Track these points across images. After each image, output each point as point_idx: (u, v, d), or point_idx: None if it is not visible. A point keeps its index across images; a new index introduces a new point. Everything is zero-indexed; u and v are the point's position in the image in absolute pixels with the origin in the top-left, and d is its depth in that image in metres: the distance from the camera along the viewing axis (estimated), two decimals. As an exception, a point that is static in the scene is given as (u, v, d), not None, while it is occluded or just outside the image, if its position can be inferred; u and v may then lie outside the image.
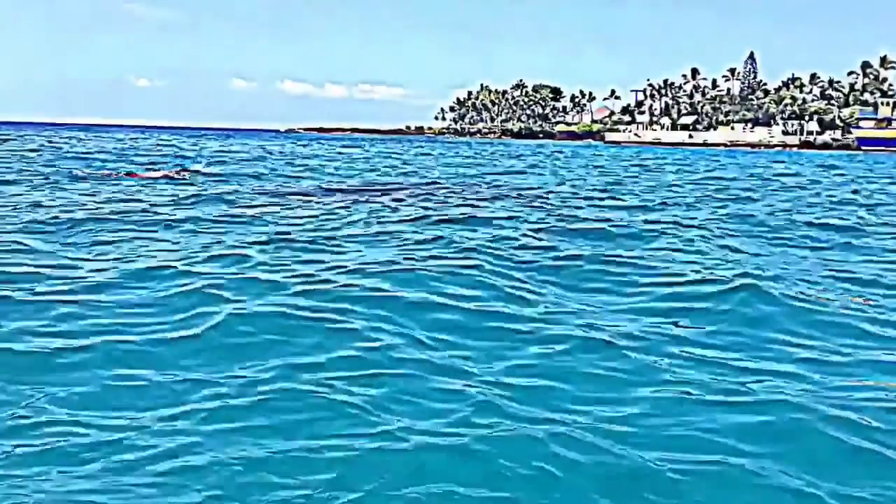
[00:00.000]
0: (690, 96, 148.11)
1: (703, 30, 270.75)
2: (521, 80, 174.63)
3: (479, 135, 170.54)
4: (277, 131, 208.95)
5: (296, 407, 4.48)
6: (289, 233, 11.38)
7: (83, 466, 3.72)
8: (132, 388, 4.80)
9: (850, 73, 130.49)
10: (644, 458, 3.91)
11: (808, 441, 4.21)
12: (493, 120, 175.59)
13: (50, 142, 51.47)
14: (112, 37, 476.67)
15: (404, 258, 9.19)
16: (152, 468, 3.70)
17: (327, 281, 7.65)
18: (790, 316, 6.88)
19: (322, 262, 8.88)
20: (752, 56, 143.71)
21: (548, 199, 18.80)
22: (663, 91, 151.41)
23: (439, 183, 23.72)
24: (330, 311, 6.45)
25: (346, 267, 8.50)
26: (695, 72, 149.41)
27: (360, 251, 9.85)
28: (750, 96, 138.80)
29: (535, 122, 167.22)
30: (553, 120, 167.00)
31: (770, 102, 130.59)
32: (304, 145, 69.93)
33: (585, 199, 19.15)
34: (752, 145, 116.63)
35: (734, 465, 3.88)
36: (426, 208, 15.45)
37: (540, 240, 11.30)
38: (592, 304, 7.32)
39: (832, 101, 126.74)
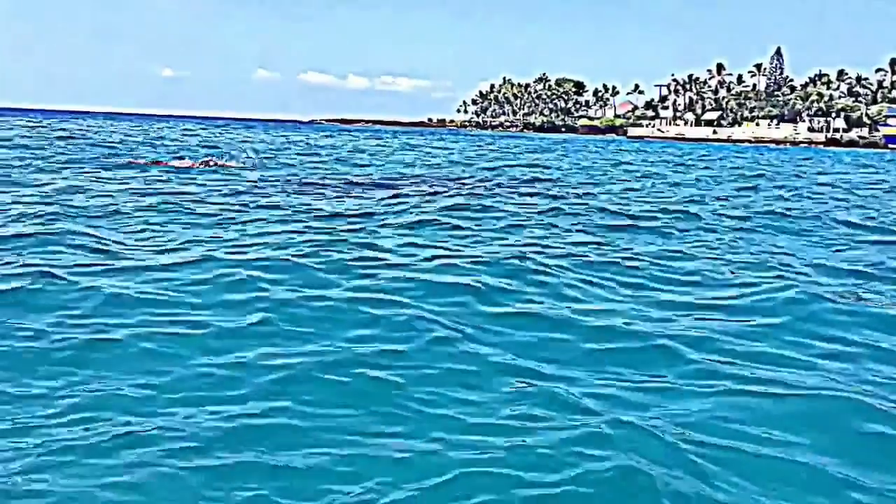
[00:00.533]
0: (715, 92, 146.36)
1: (730, 25, 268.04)
2: (543, 74, 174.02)
3: (501, 128, 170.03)
4: (300, 122, 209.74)
5: (342, 401, 4.45)
6: (324, 223, 11.42)
7: (121, 455, 3.69)
8: (172, 377, 4.78)
9: (877, 70, 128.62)
10: (699, 450, 3.93)
11: (850, 434, 4.26)
12: (515, 113, 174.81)
13: (78, 130, 51.96)
14: (138, 26, 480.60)
15: (444, 250, 9.21)
16: (195, 459, 3.67)
17: (368, 274, 7.66)
18: (831, 313, 6.86)
19: (361, 252, 8.91)
20: (778, 51, 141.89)
21: (576, 193, 18.74)
22: (688, 86, 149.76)
23: (466, 175, 23.72)
24: (373, 304, 6.45)
25: (386, 259, 8.53)
26: (720, 67, 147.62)
27: (398, 242, 9.88)
28: (776, 92, 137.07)
29: (558, 115, 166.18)
30: (575, 114, 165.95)
31: (796, 99, 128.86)
32: (327, 136, 70.09)
33: (614, 194, 19.08)
34: (778, 142, 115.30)
35: (787, 460, 3.91)
36: (457, 200, 15.46)
37: (573, 234, 11.29)
38: (632, 300, 7.31)
39: (860, 98, 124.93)
